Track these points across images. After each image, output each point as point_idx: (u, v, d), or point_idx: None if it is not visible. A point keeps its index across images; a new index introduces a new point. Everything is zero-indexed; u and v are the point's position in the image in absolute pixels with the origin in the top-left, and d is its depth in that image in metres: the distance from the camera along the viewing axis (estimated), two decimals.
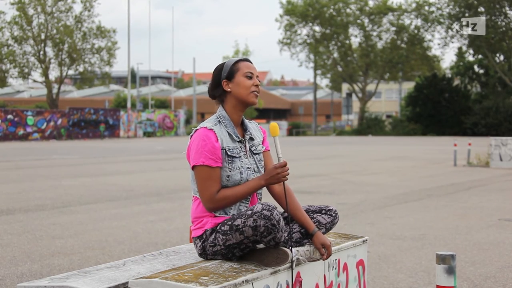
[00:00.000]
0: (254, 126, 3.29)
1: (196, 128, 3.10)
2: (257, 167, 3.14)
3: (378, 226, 7.81)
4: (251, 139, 3.18)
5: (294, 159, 21.56)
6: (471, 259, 6.00)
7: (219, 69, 3.16)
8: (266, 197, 3.50)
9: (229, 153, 3.03)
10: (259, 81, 3.17)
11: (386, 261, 5.90)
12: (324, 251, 3.08)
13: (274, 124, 3.13)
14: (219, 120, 3.11)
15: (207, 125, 3.06)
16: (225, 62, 3.18)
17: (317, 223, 3.17)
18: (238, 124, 3.17)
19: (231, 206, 3.05)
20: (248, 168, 3.08)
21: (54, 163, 19.64)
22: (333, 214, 3.22)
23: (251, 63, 3.19)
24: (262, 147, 3.22)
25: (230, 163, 3.03)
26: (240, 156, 3.07)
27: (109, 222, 8.10)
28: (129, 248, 6.47)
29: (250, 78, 3.12)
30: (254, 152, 3.16)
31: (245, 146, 3.14)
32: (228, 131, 3.08)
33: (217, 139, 3.02)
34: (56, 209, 9.23)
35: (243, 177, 3.05)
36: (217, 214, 3.05)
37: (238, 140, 3.10)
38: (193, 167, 3.04)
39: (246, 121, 3.24)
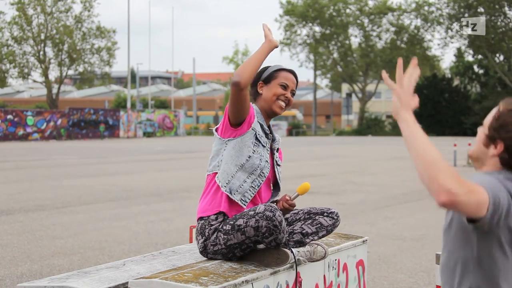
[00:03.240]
0: (279, 138, 3.39)
1: None
2: (279, 178, 3.25)
3: (378, 226, 7.81)
4: (273, 141, 3.28)
5: (294, 159, 21.56)
6: None
7: (262, 70, 3.25)
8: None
9: (258, 136, 3.10)
10: (292, 93, 3.24)
11: (386, 261, 5.90)
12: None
13: (307, 185, 3.18)
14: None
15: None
16: (271, 66, 3.28)
17: (319, 225, 3.17)
18: (267, 125, 3.26)
19: (252, 74, 2.98)
20: (266, 161, 3.13)
21: (54, 163, 19.64)
22: (335, 217, 3.23)
23: (295, 76, 3.27)
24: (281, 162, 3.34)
25: (256, 145, 3.09)
26: (265, 147, 3.15)
27: (109, 222, 8.10)
28: (129, 248, 6.47)
29: (284, 88, 3.19)
30: (278, 163, 3.27)
31: (271, 152, 3.23)
32: (260, 121, 3.17)
33: (254, 115, 3.11)
34: (56, 209, 9.23)
35: (261, 164, 3.09)
36: (223, 190, 3.02)
37: (266, 133, 3.19)
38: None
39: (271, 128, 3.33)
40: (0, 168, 17.24)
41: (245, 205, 3.04)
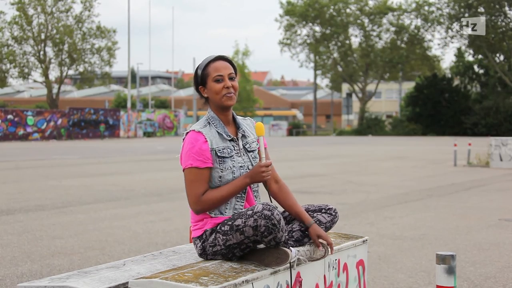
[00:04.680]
0: (248, 123, 3.28)
1: (186, 131, 3.12)
2: (252, 165, 3.13)
3: (378, 226, 7.81)
4: (244, 136, 3.17)
5: (294, 159, 21.56)
6: (471, 259, 6.00)
7: (194, 74, 3.17)
8: (263, 197, 3.50)
9: (219, 153, 3.03)
10: (232, 77, 3.11)
11: (386, 261, 5.90)
12: (320, 243, 3.07)
13: (259, 123, 3.13)
14: (208, 122, 3.12)
15: (195, 127, 3.08)
16: (198, 66, 3.16)
17: (317, 222, 3.16)
18: (229, 122, 3.17)
19: (220, 206, 3.02)
20: (241, 166, 3.07)
21: (54, 163, 19.64)
22: (333, 213, 3.22)
23: (224, 59, 3.14)
24: (257, 144, 3.21)
25: (221, 163, 3.03)
26: (232, 156, 3.06)
27: (109, 222, 8.10)
28: (129, 248, 6.47)
29: (220, 81, 3.08)
30: (248, 149, 3.15)
31: (238, 145, 3.13)
32: (218, 131, 3.08)
33: (206, 141, 3.02)
34: (56, 209, 9.23)
35: (235, 176, 3.04)
36: (212, 215, 3.04)
37: (230, 139, 3.09)
38: (183, 171, 3.06)
39: (239, 118, 3.24)
40: (0, 168, 17.25)
41: (224, 214, 3.05)
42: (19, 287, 2.64)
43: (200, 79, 3.12)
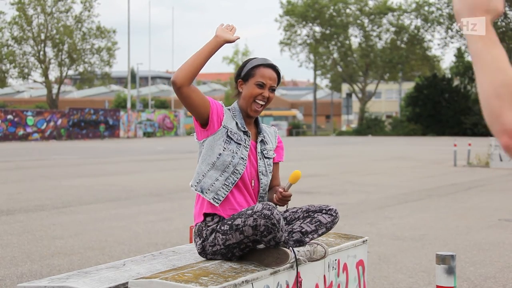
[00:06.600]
0: (271, 132, 3.33)
1: None
2: (266, 171, 3.18)
3: (378, 226, 7.81)
4: (263, 142, 3.22)
5: (294, 159, 21.55)
6: (471, 259, 6.00)
7: (242, 65, 3.21)
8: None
9: (229, 134, 3.06)
10: (272, 89, 3.16)
11: (386, 261, 5.90)
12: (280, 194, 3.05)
13: (298, 173, 3.07)
14: (229, 109, 3.17)
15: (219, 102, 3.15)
16: (250, 60, 3.21)
17: (318, 222, 3.17)
18: (251, 123, 3.21)
19: (194, 75, 2.93)
20: (241, 158, 3.07)
21: (54, 163, 19.64)
22: (334, 214, 3.22)
23: (274, 69, 3.18)
24: (273, 154, 3.26)
25: (227, 143, 3.05)
26: (240, 144, 3.08)
27: (109, 222, 8.10)
28: (129, 248, 6.47)
29: (261, 87, 3.12)
30: (266, 156, 3.20)
31: (255, 146, 3.17)
32: (236, 120, 3.12)
33: (223, 113, 3.08)
34: (56, 209, 9.23)
35: (233, 161, 3.04)
36: (199, 193, 3.04)
37: (243, 130, 3.12)
38: None
39: (264, 125, 3.28)
40: (0, 168, 17.24)
41: (218, 203, 3.02)
42: (19, 287, 2.64)
43: (245, 74, 3.16)
